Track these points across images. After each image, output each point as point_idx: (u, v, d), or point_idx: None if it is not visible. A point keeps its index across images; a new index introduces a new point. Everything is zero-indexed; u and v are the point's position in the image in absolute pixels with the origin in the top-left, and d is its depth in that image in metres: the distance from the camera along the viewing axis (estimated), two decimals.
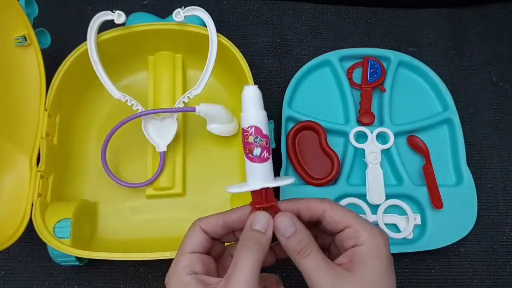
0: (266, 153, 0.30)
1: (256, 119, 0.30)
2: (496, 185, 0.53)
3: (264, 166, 0.30)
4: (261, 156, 0.29)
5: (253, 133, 0.29)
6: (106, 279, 0.48)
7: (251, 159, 0.30)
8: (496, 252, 0.50)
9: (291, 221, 0.30)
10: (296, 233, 0.29)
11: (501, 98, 0.56)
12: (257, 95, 0.31)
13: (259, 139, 0.29)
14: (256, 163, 0.29)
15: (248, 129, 0.30)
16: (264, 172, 0.30)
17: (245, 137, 0.30)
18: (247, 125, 0.30)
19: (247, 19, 0.59)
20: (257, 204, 0.30)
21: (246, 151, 0.30)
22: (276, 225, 0.30)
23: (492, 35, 0.59)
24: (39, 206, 0.42)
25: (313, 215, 0.31)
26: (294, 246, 0.29)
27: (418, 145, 0.52)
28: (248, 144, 0.30)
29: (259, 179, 0.30)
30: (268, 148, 0.30)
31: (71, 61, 0.47)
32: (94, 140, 0.51)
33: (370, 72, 0.54)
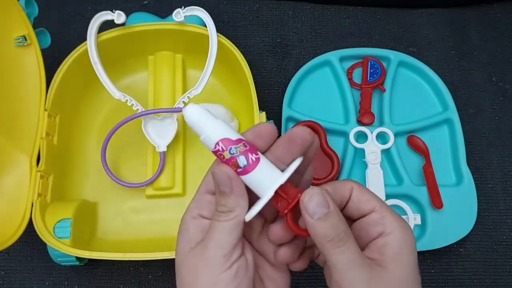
0: (252, 156, 0.25)
1: (215, 133, 0.25)
2: (496, 185, 0.53)
3: (261, 168, 0.25)
4: (249, 162, 0.25)
5: (224, 148, 0.25)
6: (106, 279, 0.48)
7: (244, 173, 0.25)
8: (496, 252, 0.50)
9: (323, 198, 0.24)
10: (330, 215, 0.24)
11: (501, 98, 0.56)
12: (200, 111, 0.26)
13: (234, 148, 0.25)
14: (250, 172, 0.25)
15: (217, 149, 0.25)
16: (266, 174, 0.25)
17: (221, 159, 0.25)
18: (213, 146, 0.25)
19: (247, 19, 0.59)
20: (284, 209, 0.25)
21: (233, 169, 0.25)
22: (303, 202, 0.24)
23: (492, 35, 0.59)
24: (39, 206, 0.42)
25: (343, 197, 0.26)
26: (326, 231, 0.24)
27: (418, 145, 0.52)
28: (229, 162, 0.25)
29: (267, 185, 0.25)
30: (249, 149, 0.25)
31: (71, 61, 0.47)
32: (94, 140, 0.51)
33: (370, 72, 0.54)
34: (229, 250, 0.25)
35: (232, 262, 0.25)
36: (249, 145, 0.25)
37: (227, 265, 0.25)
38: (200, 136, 0.26)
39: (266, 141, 0.25)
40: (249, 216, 0.25)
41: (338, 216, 0.24)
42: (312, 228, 0.24)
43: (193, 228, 0.26)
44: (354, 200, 0.26)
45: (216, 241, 0.25)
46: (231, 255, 0.25)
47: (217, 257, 0.25)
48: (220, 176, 0.25)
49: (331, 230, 0.24)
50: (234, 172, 0.25)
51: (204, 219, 0.27)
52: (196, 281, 0.25)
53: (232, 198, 0.25)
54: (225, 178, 0.25)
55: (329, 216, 0.24)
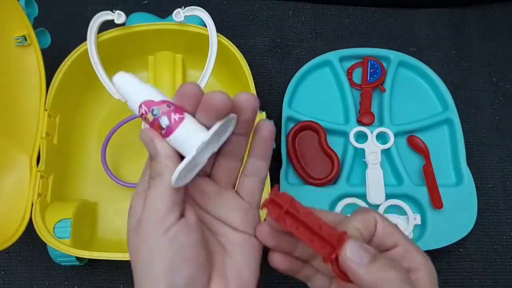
0: (175, 115, 0.23)
1: (139, 97, 0.24)
2: (496, 185, 0.53)
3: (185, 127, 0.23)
4: (171, 122, 0.23)
5: (147, 110, 0.24)
6: (106, 279, 0.48)
7: (168, 133, 0.23)
8: (496, 252, 0.50)
9: (359, 244, 0.23)
10: (377, 257, 0.23)
11: (501, 98, 0.56)
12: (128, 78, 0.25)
13: (157, 109, 0.23)
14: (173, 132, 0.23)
15: (141, 112, 0.24)
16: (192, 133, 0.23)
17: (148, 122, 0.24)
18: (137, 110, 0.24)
19: (247, 19, 0.59)
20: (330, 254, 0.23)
21: (158, 131, 0.24)
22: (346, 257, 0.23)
23: (492, 35, 0.59)
24: (39, 206, 0.42)
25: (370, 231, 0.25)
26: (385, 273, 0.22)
27: (418, 145, 0.52)
28: (153, 124, 0.24)
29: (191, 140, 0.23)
30: (174, 109, 0.24)
31: (71, 61, 0.47)
32: (94, 140, 0.51)
33: (370, 72, 0.54)
34: (162, 215, 0.23)
35: (168, 227, 0.23)
36: (173, 106, 0.24)
37: (162, 230, 0.23)
38: (128, 103, 0.25)
39: (191, 103, 0.24)
40: (173, 178, 0.23)
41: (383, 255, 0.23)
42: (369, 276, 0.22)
43: (136, 203, 0.25)
44: (379, 234, 0.25)
45: (149, 209, 0.24)
46: (165, 220, 0.23)
47: (150, 225, 0.23)
48: (143, 139, 0.24)
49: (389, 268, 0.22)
50: (157, 134, 0.24)
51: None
52: (138, 255, 0.24)
53: (158, 160, 0.24)
54: (148, 141, 0.24)
55: (376, 257, 0.23)
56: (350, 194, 0.49)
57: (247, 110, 0.24)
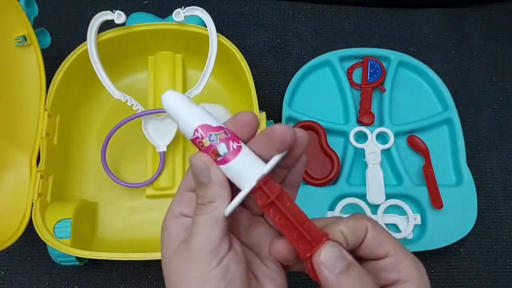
0: (233, 144, 0.23)
1: (194, 120, 0.23)
2: (496, 185, 0.53)
3: (243, 157, 0.23)
4: (230, 150, 0.23)
5: (203, 135, 0.23)
6: (106, 279, 0.48)
7: (224, 162, 0.23)
8: (496, 252, 0.50)
9: (338, 250, 0.22)
10: (351, 267, 0.22)
11: (501, 98, 0.56)
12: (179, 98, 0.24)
13: (215, 135, 0.23)
14: (231, 161, 0.23)
15: (196, 136, 0.23)
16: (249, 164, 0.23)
17: (200, 147, 0.23)
18: (191, 133, 0.23)
19: (247, 19, 0.59)
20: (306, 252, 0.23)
21: (213, 157, 0.23)
22: (319, 261, 0.22)
23: (492, 35, 0.59)
24: (39, 206, 0.42)
25: (358, 238, 0.24)
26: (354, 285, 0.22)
27: (418, 145, 0.52)
28: (208, 150, 0.23)
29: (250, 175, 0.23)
30: (231, 137, 0.23)
31: (71, 61, 0.47)
32: (94, 140, 0.51)
33: (370, 72, 0.54)
34: (215, 245, 0.23)
35: (221, 258, 0.23)
36: (230, 133, 0.23)
37: (215, 261, 0.22)
38: (179, 124, 0.24)
39: (247, 132, 0.24)
40: (228, 210, 0.23)
41: (359, 267, 0.23)
42: (337, 284, 0.22)
43: (174, 228, 0.24)
44: (369, 242, 0.24)
45: (200, 237, 0.23)
46: (219, 251, 0.23)
47: (202, 254, 0.22)
48: (197, 165, 0.23)
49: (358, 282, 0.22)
50: (213, 160, 0.23)
51: (186, 217, 0.25)
52: (183, 282, 0.23)
53: (211, 187, 0.23)
54: (203, 166, 0.23)
55: (351, 267, 0.22)
56: (350, 194, 0.49)
57: (301, 147, 0.24)
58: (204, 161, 0.23)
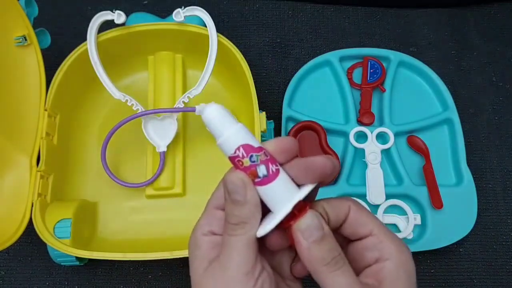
0: (272, 166, 0.23)
1: (238, 138, 0.23)
2: (496, 185, 0.53)
3: (281, 181, 0.23)
4: (269, 173, 0.23)
5: (244, 155, 0.23)
6: (106, 279, 0.48)
7: (262, 183, 0.23)
8: (496, 252, 0.50)
9: (317, 220, 0.23)
10: (325, 238, 0.23)
11: (501, 98, 0.56)
12: (222, 112, 0.24)
13: (256, 156, 0.23)
14: (269, 184, 0.23)
15: (237, 154, 0.23)
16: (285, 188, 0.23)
17: (239, 165, 0.23)
18: (232, 151, 0.23)
19: (247, 19, 0.59)
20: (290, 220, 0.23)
21: (251, 178, 0.23)
22: (297, 226, 0.23)
23: (492, 35, 0.59)
24: (39, 206, 0.42)
25: (339, 217, 0.25)
26: (322, 255, 0.23)
27: (418, 145, 0.52)
28: (247, 170, 0.23)
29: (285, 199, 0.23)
30: (270, 159, 0.23)
31: (71, 61, 0.47)
32: (94, 140, 0.51)
33: (370, 72, 0.54)
34: (251, 266, 0.23)
35: (256, 279, 0.23)
36: (269, 155, 0.23)
37: (251, 283, 0.23)
38: (218, 139, 0.24)
39: (285, 157, 0.24)
40: (263, 231, 0.23)
41: (333, 239, 0.23)
42: (307, 251, 0.23)
43: (205, 245, 0.25)
44: (351, 221, 0.25)
45: (235, 259, 0.23)
46: (254, 272, 0.23)
47: (239, 276, 0.23)
48: (235, 183, 0.23)
49: (328, 253, 0.23)
50: (250, 180, 0.23)
51: (215, 235, 0.25)
52: None
53: (247, 207, 0.23)
54: (240, 185, 0.23)
55: (324, 238, 0.23)
56: (350, 194, 0.49)
57: (333, 177, 0.25)
58: (242, 179, 0.23)
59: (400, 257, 0.24)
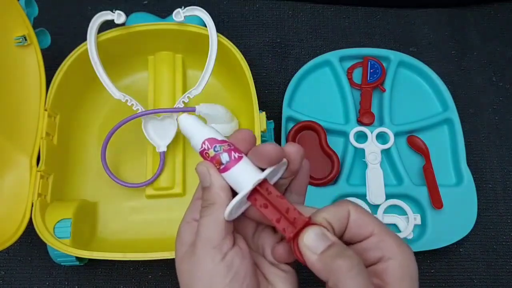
0: (235, 154, 0.26)
1: (203, 135, 0.27)
2: (496, 185, 0.53)
3: (243, 165, 0.25)
4: (231, 159, 0.25)
5: (209, 146, 0.26)
6: (106, 279, 0.48)
7: (226, 168, 0.26)
8: (496, 252, 0.50)
9: (321, 233, 0.24)
10: (333, 246, 0.23)
11: (501, 98, 0.56)
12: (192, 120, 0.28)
13: (219, 146, 0.26)
14: (232, 168, 0.25)
15: (203, 148, 0.26)
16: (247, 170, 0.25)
17: (206, 158, 0.26)
18: (199, 146, 0.27)
19: (247, 19, 0.59)
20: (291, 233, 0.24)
21: (216, 166, 0.26)
22: (302, 243, 0.24)
23: (492, 35, 0.59)
24: (39, 206, 0.42)
25: (342, 223, 0.25)
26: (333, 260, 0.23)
27: (418, 145, 0.51)
28: (213, 159, 0.26)
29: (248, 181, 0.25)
30: (233, 149, 0.26)
31: (71, 61, 0.47)
32: (94, 140, 0.51)
33: (370, 72, 0.54)
34: (218, 241, 0.24)
35: (224, 253, 0.24)
36: (233, 146, 0.26)
37: (219, 256, 0.24)
38: (191, 142, 0.27)
39: (244, 146, 0.26)
40: (227, 211, 0.25)
41: (342, 246, 0.24)
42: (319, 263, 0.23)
43: (185, 232, 0.27)
44: (352, 225, 0.25)
45: (203, 236, 0.25)
46: (222, 246, 0.24)
47: (206, 250, 0.24)
48: (200, 171, 0.26)
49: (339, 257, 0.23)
50: (214, 166, 0.26)
51: (196, 222, 0.27)
52: (193, 281, 0.25)
53: (212, 190, 0.26)
54: (205, 172, 0.26)
55: (332, 247, 0.23)
56: (350, 194, 0.49)
57: (296, 161, 0.26)
58: (206, 167, 0.26)
59: (403, 256, 0.24)
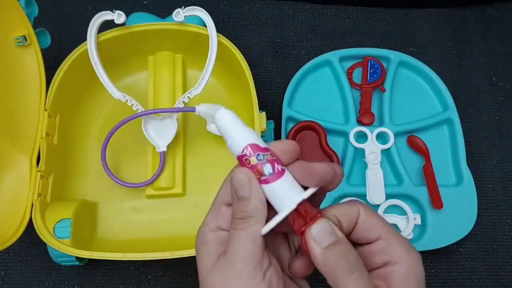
0: (278, 166, 0.24)
1: (246, 138, 0.25)
2: (496, 185, 0.53)
3: (285, 180, 0.24)
4: (275, 172, 0.24)
5: (252, 153, 0.24)
6: (106, 279, 0.48)
7: (266, 181, 0.24)
8: (496, 252, 0.50)
9: (329, 226, 0.23)
10: (339, 243, 0.23)
11: (501, 98, 0.56)
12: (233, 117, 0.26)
13: (262, 155, 0.24)
14: (274, 182, 0.24)
15: (244, 153, 0.24)
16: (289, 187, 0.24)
17: (246, 164, 0.24)
18: (240, 150, 0.25)
19: (247, 19, 0.59)
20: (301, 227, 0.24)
21: (257, 176, 0.24)
22: (309, 234, 0.23)
23: (492, 35, 0.59)
24: (39, 206, 0.42)
25: (350, 222, 0.25)
26: (336, 260, 0.23)
27: (418, 145, 0.51)
28: (254, 168, 0.24)
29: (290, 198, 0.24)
30: (276, 160, 0.24)
31: (71, 61, 0.47)
32: (94, 140, 0.51)
33: (370, 72, 0.54)
34: (259, 260, 0.23)
35: (264, 272, 0.23)
36: (275, 156, 0.25)
37: (260, 276, 0.23)
38: (227, 141, 0.25)
39: (288, 159, 0.25)
40: (267, 228, 0.24)
41: (348, 244, 0.23)
42: (321, 257, 0.23)
43: (212, 241, 0.25)
44: (360, 226, 0.25)
45: (243, 252, 0.23)
46: (262, 265, 0.23)
47: (247, 269, 0.23)
48: (240, 179, 0.24)
49: (342, 258, 0.23)
50: (255, 177, 0.24)
51: (223, 231, 0.25)
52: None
53: (252, 202, 0.24)
54: (246, 181, 0.24)
55: (338, 243, 0.23)
56: (350, 194, 0.49)
57: (337, 182, 0.25)
58: (247, 175, 0.24)
59: (410, 262, 0.24)
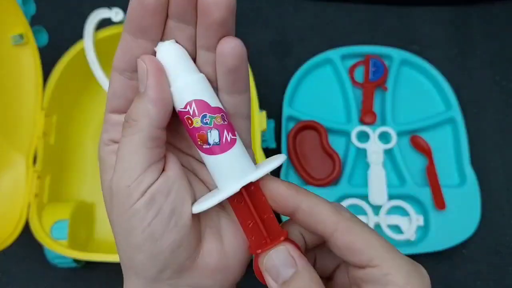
0: (228, 135, 0.19)
1: (192, 89, 0.19)
2: (500, 185, 0.52)
3: (234, 154, 0.19)
4: (222, 142, 0.19)
5: (196, 112, 0.19)
6: (103, 281, 0.48)
7: (209, 151, 0.19)
8: (500, 254, 0.49)
9: (287, 255, 0.20)
10: (298, 277, 0.19)
11: (504, 97, 0.56)
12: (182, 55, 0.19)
13: (210, 117, 0.19)
14: (220, 154, 0.19)
15: (187, 110, 0.19)
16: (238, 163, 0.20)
17: (188, 124, 0.19)
18: (182, 104, 0.19)
19: (247, 17, 0.59)
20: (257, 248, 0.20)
21: (198, 142, 0.19)
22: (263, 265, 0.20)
23: (496, 34, 0.59)
24: (35, 207, 0.42)
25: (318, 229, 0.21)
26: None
27: (421, 145, 0.51)
28: (196, 131, 0.19)
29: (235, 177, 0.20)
30: (228, 125, 0.20)
31: (68, 60, 0.47)
32: (92, 140, 0.51)
33: (372, 70, 0.53)
34: (136, 175, 0.19)
35: (144, 189, 0.20)
36: (227, 120, 0.20)
37: (137, 193, 0.19)
38: (171, 86, 0.20)
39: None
40: (198, 208, 0.20)
41: (309, 276, 0.19)
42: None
43: (107, 156, 0.21)
44: (341, 246, 0.20)
45: (121, 166, 0.20)
46: (141, 181, 0.19)
47: (122, 185, 0.20)
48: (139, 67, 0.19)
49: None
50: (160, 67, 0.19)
51: (116, 144, 0.21)
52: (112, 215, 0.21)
53: (142, 102, 0.19)
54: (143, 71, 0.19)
55: (297, 277, 0.19)
56: (352, 194, 0.48)
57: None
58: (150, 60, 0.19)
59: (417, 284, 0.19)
